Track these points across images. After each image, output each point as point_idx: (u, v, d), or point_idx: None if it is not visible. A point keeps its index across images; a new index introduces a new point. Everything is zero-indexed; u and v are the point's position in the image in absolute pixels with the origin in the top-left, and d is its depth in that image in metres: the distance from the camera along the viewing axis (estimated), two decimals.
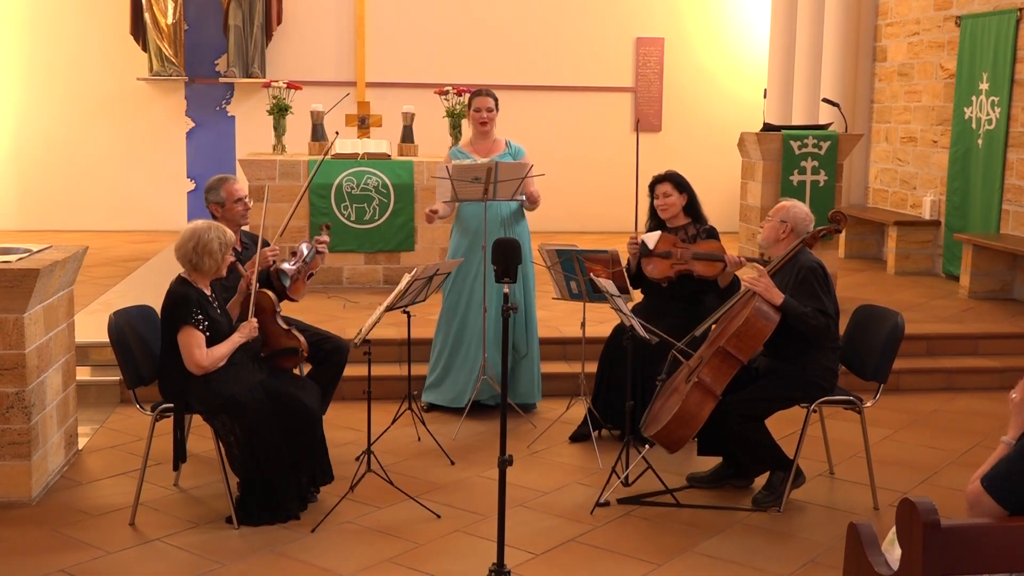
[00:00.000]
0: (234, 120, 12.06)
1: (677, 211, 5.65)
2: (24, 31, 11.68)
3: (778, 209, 5.02)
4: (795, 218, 4.93)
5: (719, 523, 4.73)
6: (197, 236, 4.62)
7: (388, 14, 12.05)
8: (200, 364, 4.55)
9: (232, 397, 4.58)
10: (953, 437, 6.02)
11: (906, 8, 10.46)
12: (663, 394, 4.96)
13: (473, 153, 6.20)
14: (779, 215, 4.97)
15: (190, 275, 4.68)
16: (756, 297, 4.73)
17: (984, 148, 8.98)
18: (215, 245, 4.62)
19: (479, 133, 6.24)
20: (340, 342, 5.34)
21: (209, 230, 4.65)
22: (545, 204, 6.35)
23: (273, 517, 4.62)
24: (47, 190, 11.81)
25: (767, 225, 5.02)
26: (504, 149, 6.22)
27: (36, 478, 4.88)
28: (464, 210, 6.13)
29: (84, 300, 7.59)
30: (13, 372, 4.77)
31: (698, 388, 4.69)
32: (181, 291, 4.62)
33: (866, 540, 2.93)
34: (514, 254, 3.90)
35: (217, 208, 5.31)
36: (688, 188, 5.66)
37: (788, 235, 4.94)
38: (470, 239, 6.09)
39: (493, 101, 6.20)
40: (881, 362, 4.85)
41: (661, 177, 5.69)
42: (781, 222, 4.95)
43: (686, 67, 12.58)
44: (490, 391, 6.13)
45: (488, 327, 6.04)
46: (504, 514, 3.74)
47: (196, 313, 4.55)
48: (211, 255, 4.62)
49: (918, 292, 8.88)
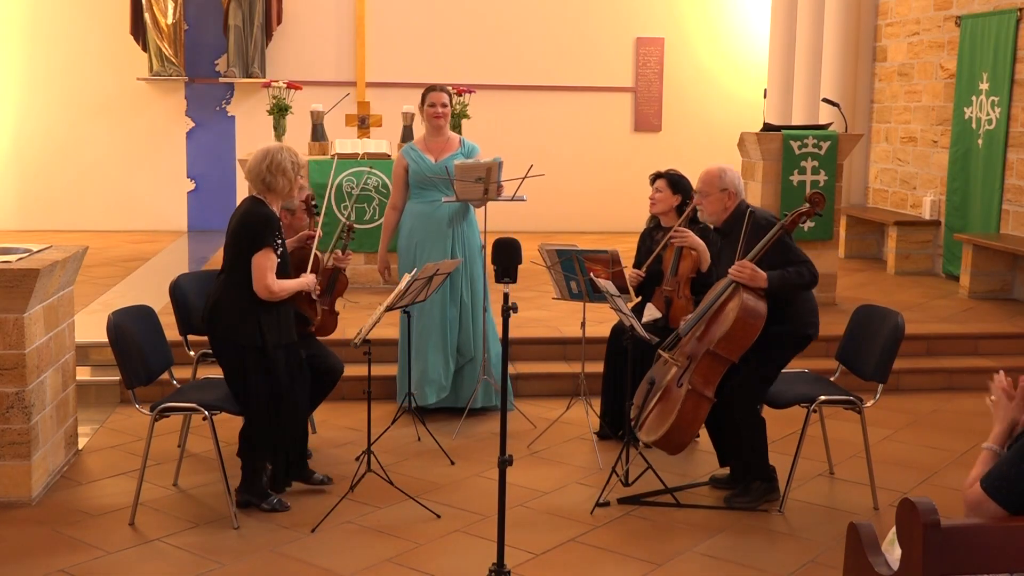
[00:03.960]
0: (234, 120, 12.06)
1: (667, 209, 5.62)
2: (24, 31, 11.68)
3: (710, 181, 4.87)
4: (732, 182, 4.87)
5: (719, 523, 4.73)
6: (270, 156, 4.58)
7: (388, 14, 12.05)
8: (271, 289, 4.50)
9: (291, 342, 4.69)
10: (953, 437, 6.02)
11: (906, 8, 10.46)
12: (653, 396, 4.89)
13: (426, 152, 6.08)
14: (716, 185, 4.85)
15: (267, 197, 4.61)
16: (740, 290, 4.64)
17: (984, 148, 8.98)
18: (287, 164, 4.58)
19: (433, 129, 6.12)
20: (335, 362, 5.24)
21: (281, 151, 4.61)
22: (545, 204, 6.36)
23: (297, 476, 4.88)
24: (47, 190, 11.81)
25: (706, 201, 4.88)
26: (458, 148, 6.13)
27: (36, 478, 4.88)
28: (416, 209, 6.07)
29: (84, 300, 7.59)
30: (13, 372, 4.77)
31: (692, 395, 4.66)
32: (264, 211, 4.55)
33: (866, 540, 2.93)
34: (514, 254, 3.89)
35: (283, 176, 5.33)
36: (684, 190, 5.62)
37: (732, 199, 4.87)
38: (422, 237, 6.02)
39: (447, 97, 6.10)
40: (881, 362, 4.85)
41: (660, 173, 5.70)
42: (722, 191, 4.85)
43: (686, 67, 12.58)
44: (483, 397, 6.14)
45: (435, 328, 5.99)
46: (504, 514, 3.74)
47: (278, 236, 4.53)
48: (284, 174, 4.57)
49: (918, 292, 8.88)
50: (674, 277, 5.47)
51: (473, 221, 6.18)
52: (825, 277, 8.13)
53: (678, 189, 5.62)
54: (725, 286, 4.76)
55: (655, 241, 5.67)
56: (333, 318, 5.41)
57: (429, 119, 6.10)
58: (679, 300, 5.44)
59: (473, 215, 6.19)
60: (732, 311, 4.63)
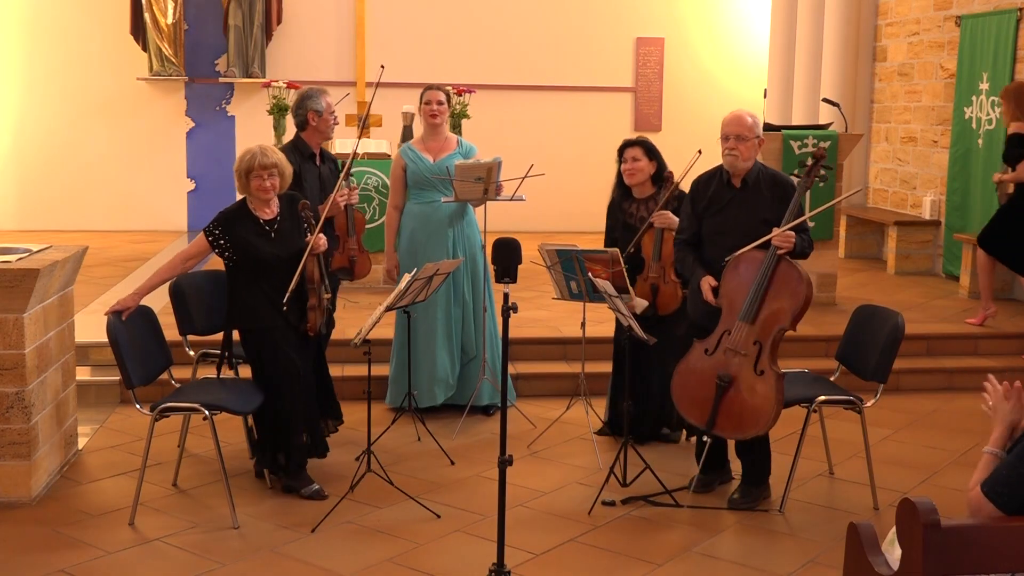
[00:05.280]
0: (234, 120, 12.05)
1: (644, 178, 5.55)
2: (24, 31, 11.68)
3: (750, 127, 4.75)
4: (759, 125, 4.83)
5: (719, 523, 4.73)
6: (242, 159, 4.87)
7: (388, 14, 12.05)
8: (173, 260, 4.94)
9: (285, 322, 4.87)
10: (953, 437, 6.02)
11: (906, 8, 10.46)
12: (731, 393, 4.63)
13: (424, 152, 6.08)
14: (754, 131, 4.77)
15: (247, 196, 4.94)
16: (787, 260, 4.59)
17: (984, 148, 8.97)
18: (255, 164, 4.82)
19: (430, 127, 6.12)
20: (334, 411, 5.36)
21: (251, 153, 4.86)
22: (545, 204, 6.35)
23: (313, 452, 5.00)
24: (47, 190, 11.81)
25: (745, 147, 4.74)
26: (455, 148, 6.12)
27: (36, 478, 4.88)
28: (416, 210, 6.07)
29: (84, 300, 7.59)
30: (13, 372, 4.77)
31: (777, 378, 4.56)
32: (227, 210, 4.96)
33: (866, 540, 2.93)
34: (514, 254, 3.89)
35: (315, 116, 5.62)
36: (658, 156, 5.57)
37: (761, 145, 4.85)
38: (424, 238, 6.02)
39: (444, 96, 6.10)
40: (881, 362, 4.84)
41: (632, 142, 5.60)
42: (757, 137, 4.79)
43: (686, 67, 12.58)
44: (489, 394, 6.15)
45: (440, 327, 6.01)
46: (504, 514, 3.74)
47: (215, 228, 4.84)
48: (251, 174, 4.82)
49: (918, 292, 8.88)
50: (658, 263, 5.41)
51: (473, 220, 6.18)
52: (825, 277, 8.14)
53: (653, 155, 5.57)
54: (768, 260, 4.59)
55: (624, 212, 5.61)
56: (365, 256, 5.73)
57: (425, 117, 6.10)
58: (666, 286, 5.40)
59: (472, 213, 6.19)
60: (796, 283, 4.56)
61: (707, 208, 4.90)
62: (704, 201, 4.92)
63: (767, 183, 4.81)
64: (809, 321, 7.32)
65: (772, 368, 4.60)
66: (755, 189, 4.81)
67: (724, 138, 4.80)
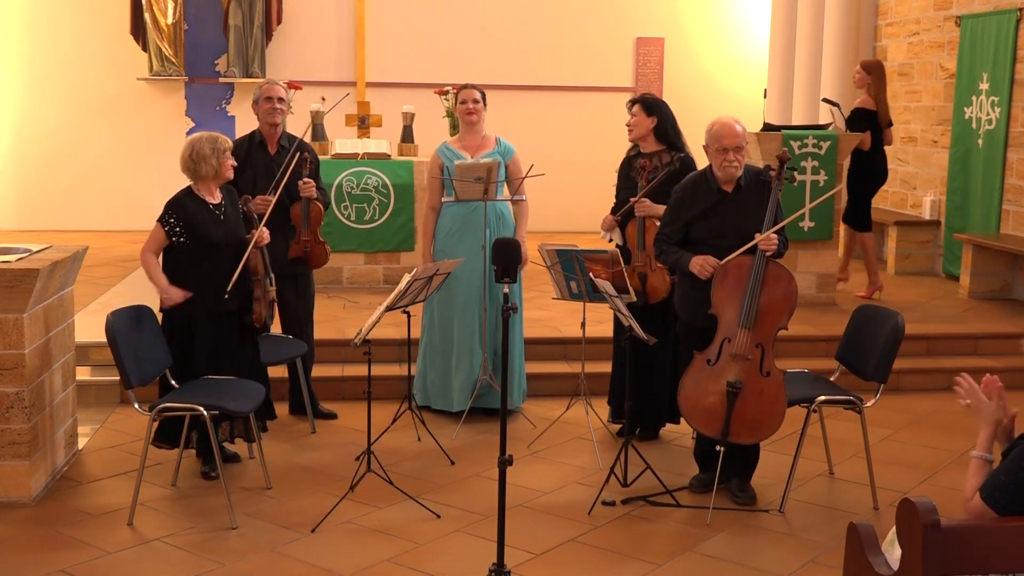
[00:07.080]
0: (234, 120, 12.05)
1: (644, 133, 5.61)
2: (24, 31, 11.68)
3: (740, 139, 4.84)
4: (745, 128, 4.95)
5: (719, 523, 4.73)
6: (191, 146, 5.03)
7: (388, 14, 12.05)
8: (143, 257, 5.03)
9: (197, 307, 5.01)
10: (953, 437, 6.02)
11: (906, 8, 10.46)
12: (742, 398, 4.66)
13: (462, 150, 6.09)
14: (746, 139, 4.92)
15: (195, 185, 5.09)
16: (773, 262, 4.71)
17: (984, 148, 8.98)
18: (207, 150, 5.00)
19: (467, 126, 6.15)
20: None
21: (201, 139, 5.03)
22: (545, 204, 6.35)
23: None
24: (47, 190, 11.80)
25: (741, 156, 4.85)
26: (494, 147, 6.13)
27: (36, 478, 4.88)
28: (455, 209, 6.06)
29: (84, 300, 7.59)
30: (13, 372, 4.77)
31: (781, 377, 4.72)
32: (176, 197, 5.07)
33: (866, 540, 2.93)
34: (513, 254, 3.91)
35: (254, 106, 5.96)
36: (660, 111, 5.59)
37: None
38: (466, 237, 6.03)
39: (480, 94, 6.12)
40: (881, 362, 4.85)
41: (634, 99, 5.71)
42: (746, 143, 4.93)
43: (686, 67, 12.57)
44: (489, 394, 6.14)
45: (477, 330, 6.00)
46: (504, 514, 3.74)
47: (170, 216, 4.97)
48: (205, 160, 5.00)
49: (918, 292, 8.88)
50: (642, 252, 5.46)
51: (509, 220, 6.13)
52: (825, 277, 8.13)
53: (652, 111, 5.61)
54: (757, 263, 4.66)
55: (634, 168, 5.64)
56: (321, 247, 5.87)
57: (462, 116, 6.16)
58: (653, 273, 5.44)
59: (509, 214, 6.15)
60: (786, 282, 4.71)
61: (698, 214, 4.90)
62: (693, 208, 4.92)
63: (752, 182, 4.90)
64: (809, 321, 7.33)
65: (776, 368, 4.70)
66: (747, 190, 4.88)
67: (722, 150, 4.83)
